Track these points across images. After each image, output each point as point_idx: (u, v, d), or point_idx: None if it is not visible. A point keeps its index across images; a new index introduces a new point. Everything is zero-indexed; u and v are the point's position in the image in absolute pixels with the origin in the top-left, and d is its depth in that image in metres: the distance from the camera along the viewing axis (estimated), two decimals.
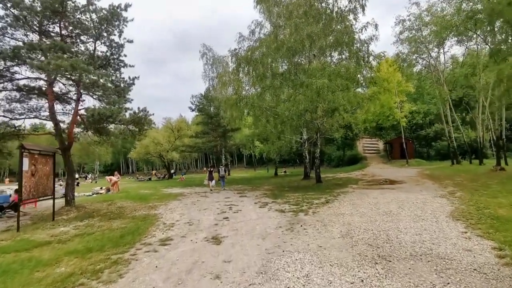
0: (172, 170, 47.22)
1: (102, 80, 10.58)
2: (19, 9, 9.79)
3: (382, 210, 8.36)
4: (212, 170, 19.55)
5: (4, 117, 10.72)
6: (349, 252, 5.09)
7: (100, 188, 22.98)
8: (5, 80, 10.49)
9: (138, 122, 12.20)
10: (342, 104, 15.92)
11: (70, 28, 11.37)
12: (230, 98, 20.08)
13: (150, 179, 41.66)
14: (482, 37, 19.47)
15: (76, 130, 13.05)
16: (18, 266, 5.02)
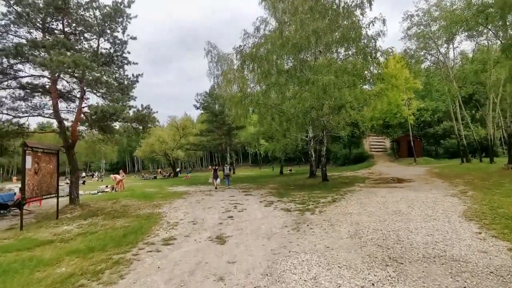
0: (177, 168, 47.30)
1: (105, 76, 10.48)
2: (22, 6, 9.73)
3: (391, 209, 8.12)
4: (217, 168, 19.47)
5: (7, 115, 10.69)
6: (358, 253, 4.89)
7: (105, 186, 23.07)
8: (9, 78, 10.46)
9: (142, 120, 12.08)
10: (349, 101, 15.68)
11: (74, 25, 11.28)
12: (235, 95, 19.92)
13: (155, 178, 41.79)
14: (493, 31, 18.98)
15: (80, 128, 13.03)
16: (19, 265, 4.92)
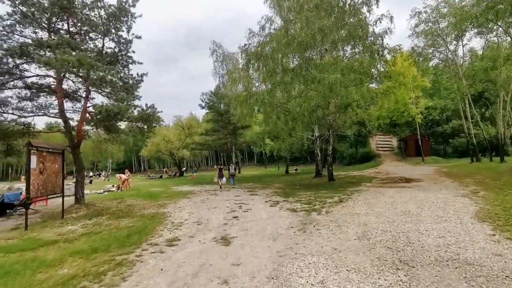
0: (183, 168, 47.43)
1: (110, 76, 10.44)
2: (27, 5, 9.74)
3: (400, 210, 7.92)
4: (222, 167, 19.38)
5: (13, 114, 10.74)
6: (366, 255, 4.72)
7: (112, 185, 23.18)
8: (14, 78, 10.49)
9: (146, 119, 12.04)
10: (356, 99, 15.44)
11: (79, 25, 11.28)
12: (240, 95, 19.83)
13: (161, 177, 41.97)
14: (504, 28, 18.52)
15: (86, 128, 13.05)
16: (21, 266, 4.86)
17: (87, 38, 11.88)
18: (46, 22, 10.78)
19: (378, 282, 3.77)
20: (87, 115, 11.91)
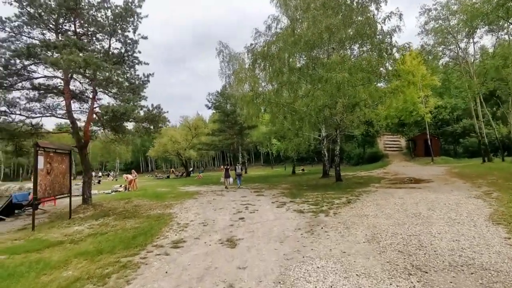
0: (189, 168, 47.57)
1: (116, 76, 10.45)
2: (34, 7, 9.80)
3: (410, 211, 7.71)
4: (228, 168, 19.32)
5: (20, 115, 10.81)
6: (377, 259, 4.56)
7: (119, 186, 23.31)
8: (23, 79, 10.57)
9: (152, 120, 12.03)
10: (363, 98, 15.19)
11: (86, 25, 11.32)
12: (246, 95, 19.73)
13: (168, 177, 42.14)
14: None
15: (93, 128, 13.11)
16: (25, 268, 4.83)
17: (94, 39, 11.93)
18: (53, 23, 10.84)
19: None
20: (94, 116, 11.96)
